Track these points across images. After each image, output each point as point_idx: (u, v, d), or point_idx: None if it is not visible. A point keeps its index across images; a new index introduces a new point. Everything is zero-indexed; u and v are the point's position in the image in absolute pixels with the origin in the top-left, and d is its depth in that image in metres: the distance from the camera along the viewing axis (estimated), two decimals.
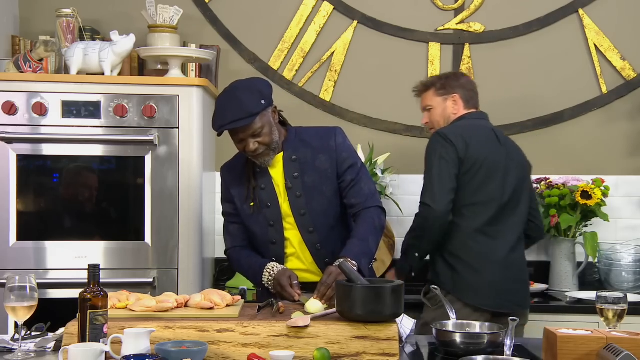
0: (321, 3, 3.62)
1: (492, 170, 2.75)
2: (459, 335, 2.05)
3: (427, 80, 3.04)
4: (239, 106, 2.33)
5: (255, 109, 2.34)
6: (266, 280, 2.42)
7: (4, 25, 3.40)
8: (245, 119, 2.32)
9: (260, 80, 2.51)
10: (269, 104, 2.40)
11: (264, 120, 2.37)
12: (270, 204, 2.47)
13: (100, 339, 1.87)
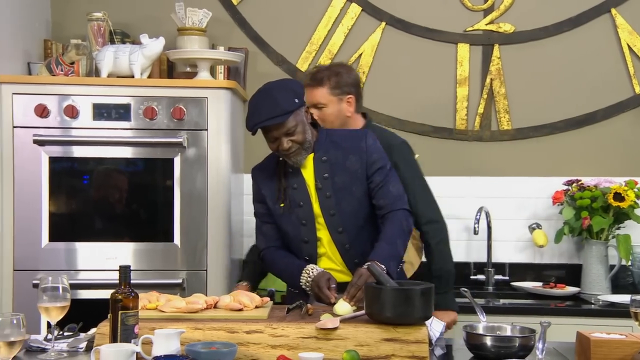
0: (349, 4, 3.61)
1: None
2: (489, 338, 2.03)
3: (318, 74, 2.78)
4: (274, 104, 2.35)
5: (290, 107, 2.36)
6: (304, 282, 2.42)
7: (36, 29, 3.45)
8: (279, 116, 2.34)
9: (293, 80, 2.53)
10: (302, 103, 2.42)
11: (297, 119, 2.39)
12: (302, 203, 2.48)
13: (131, 339, 1.89)
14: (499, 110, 3.59)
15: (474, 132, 3.61)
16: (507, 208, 3.57)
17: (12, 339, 1.73)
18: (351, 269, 2.44)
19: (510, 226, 3.57)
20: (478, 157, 3.60)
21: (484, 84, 3.59)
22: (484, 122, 3.60)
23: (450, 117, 3.62)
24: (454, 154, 3.61)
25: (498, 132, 3.60)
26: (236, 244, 3.38)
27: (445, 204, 3.55)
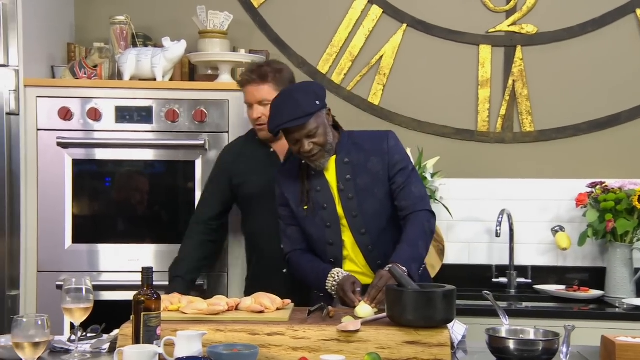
0: (370, 7, 3.61)
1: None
2: (512, 342, 2.01)
3: (260, 70, 2.72)
4: (295, 106, 2.36)
5: (311, 109, 2.36)
6: (330, 286, 2.41)
7: (60, 33, 3.48)
8: (301, 118, 2.35)
9: (315, 82, 2.54)
10: (323, 106, 2.42)
11: (318, 121, 2.39)
12: (326, 205, 2.48)
13: (154, 340, 1.90)
14: (522, 112, 3.56)
15: (495, 134, 3.58)
16: (530, 210, 3.54)
17: (37, 340, 1.75)
18: (374, 271, 2.43)
19: (533, 229, 3.54)
20: (500, 159, 3.58)
21: (506, 86, 3.57)
22: (506, 124, 3.57)
23: (472, 119, 3.60)
24: (475, 156, 3.58)
25: (520, 134, 3.57)
26: None
27: (466, 206, 3.57)
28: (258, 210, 2.81)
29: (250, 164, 2.82)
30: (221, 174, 2.86)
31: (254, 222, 2.85)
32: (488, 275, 3.53)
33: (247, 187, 2.81)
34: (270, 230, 2.70)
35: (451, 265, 3.53)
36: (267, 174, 2.72)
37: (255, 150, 2.83)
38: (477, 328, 2.40)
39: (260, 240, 2.85)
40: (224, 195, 2.86)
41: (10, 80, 3.02)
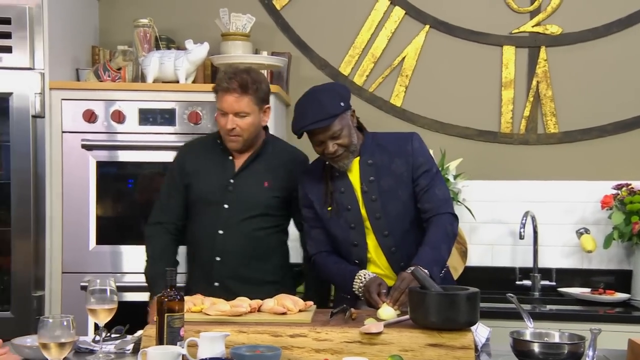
0: (392, 8, 3.60)
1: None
2: (537, 345, 1.99)
3: (240, 80, 2.55)
4: (319, 108, 2.36)
5: (335, 111, 2.36)
6: (357, 287, 2.40)
7: (85, 36, 3.52)
8: (325, 119, 2.34)
9: (339, 84, 2.52)
10: (347, 107, 2.42)
11: (343, 122, 2.39)
12: (350, 207, 2.47)
13: (177, 342, 1.90)
14: (546, 113, 3.53)
15: (519, 135, 3.55)
16: (554, 212, 3.51)
17: (63, 340, 1.77)
18: (396, 273, 2.42)
19: (557, 231, 3.50)
20: (524, 160, 3.55)
21: (530, 87, 3.54)
22: (530, 125, 3.54)
23: (495, 121, 3.57)
24: (498, 157, 3.56)
25: (544, 135, 3.54)
26: None
27: (489, 208, 3.54)
28: (199, 218, 2.67)
29: (203, 167, 2.68)
30: (176, 171, 2.72)
31: (194, 228, 2.69)
32: (511, 277, 3.50)
33: (194, 189, 2.67)
34: (207, 240, 2.62)
35: (474, 267, 3.50)
36: (217, 181, 2.64)
37: (213, 155, 2.69)
38: (500, 331, 2.38)
39: (196, 249, 2.69)
40: (182, 194, 2.70)
41: (36, 83, 3.06)
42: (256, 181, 2.64)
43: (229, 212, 2.62)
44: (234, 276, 2.61)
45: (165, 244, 2.70)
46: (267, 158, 2.68)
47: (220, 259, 2.63)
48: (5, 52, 3.03)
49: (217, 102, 2.60)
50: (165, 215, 2.71)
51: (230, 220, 2.62)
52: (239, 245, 2.62)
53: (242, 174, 2.65)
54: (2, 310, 3.05)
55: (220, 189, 2.63)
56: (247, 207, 2.62)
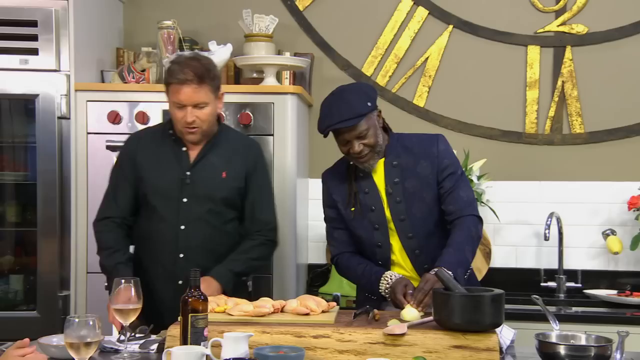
0: (416, 8, 3.58)
1: None
2: (563, 347, 1.97)
3: (192, 67, 2.46)
4: (347, 107, 2.35)
5: (363, 110, 2.35)
6: (384, 289, 2.40)
7: (109, 38, 3.55)
8: (352, 119, 2.33)
9: (366, 84, 2.52)
10: (374, 107, 2.41)
11: (369, 122, 2.38)
12: (374, 207, 2.47)
13: (201, 342, 1.91)
14: (571, 113, 3.49)
15: (544, 135, 3.52)
16: (580, 213, 3.47)
17: (89, 340, 1.78)
18: (420, 275, 2.41)
19: (583, 232, 3.47)
20: (549, 161, 3.52)
21: (555, 87, 3.50)
22: (555, 126, 3.51)
23: (520, 121, 3.54)
24: (523, 158, 3.53)
25: (570, 135, 3.50)
26: (302, 249, 3.39)
27: (514, 209, 3.51)
28: (155, 213, 2.57)
29: (156, 160, 2.58)
30: (126, 164, 2.61)
31: (149, 225, 2.58)
32: (536, 279, 3.47)
33: (147, 183, 2.57)
34: (167, 236, 2.53)
35: (498, 268, 3.48)
36: (171, 174, 2.56)
37: (166, 147, 2.59)
38: (525, 333, 2.37)
39: (154, 246, 2.57)
40: (133, 187, 2.59)
41: (62, 85, 3.09)
42: (214, 172, 2.56)
43: (189, 206, 2.54)
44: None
45: (118, 237, 2.58)
46: (222, 147, 2.60)
47: (183, 256, 2.54)
48: (31, 54, 3.07)
49: (171, 95, 2.48)
50: (114, 209, 2.59)
51: (191, 215, 2.54)
52: (203, 240, 2.54)
53: (199, 165, 2.56)
54: (28, 309, 3.09)
55: (177, 183, 2.54)
56: (207, 200, 2.55)
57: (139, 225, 2.62)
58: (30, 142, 3.15)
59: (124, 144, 2.69)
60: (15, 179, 3.22)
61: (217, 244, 2.57)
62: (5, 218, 3.21)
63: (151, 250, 2.59)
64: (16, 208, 3.21)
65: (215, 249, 2.56)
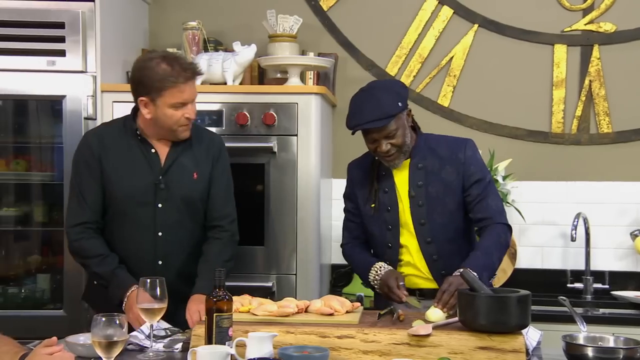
0: (440, 7, 3.56)
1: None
2: (591, 349, 1.94)
3: (189, 65, 2.44)
4: (377, 106, 2.33)
5: (393, 111, 2.34)
6: (372, 279, 2.44)
7: (135, 39, 3.58)
8: (382, 119, 2.33)
9: (398, 81, 2.51)
10: (404, 107, 2.40)
11: (399, 122, 2.37)
12: (390, 208, 2.47)
13: (226, 341, 1.92)
14: (599, 112, 3.45)
15: (571, 135, 3.48)
16: (607, 214, 3.43)
17: (116, 339, 1.79)
18: (437, 280, 2.41)
19: (611, 233, 3.43)
20: (575, 161, 3.48)
21: (582, 86, 3.46)
22: (582, 125, 3.47)
23: (546, 121, 3.51)
24: (549, 158, 3.50)
25: (597, 135, 3.46)
26: (325, 249, 3.38)
27: (540, 209, 3.48)
28: (127, 219, 2.47)
29: (125, 161, 2.47)
30: (92, 163, 2.48)
31: (121, 231, 2.48)
32: (562, 280, 3.44)
33: (117, 187, 2.46)
34: (144, 243, 2.46)
35: (524, 269, 3.45)
36: (144, 179, 2.46)
37: (133, 146, 2.48)
38: (551, 334, 2.35)
39: (129, 253, 2.48)
40: (101, 188, 2.48)
41: (88, 86, 3.12)
42: (186, 175, 2.50)
43: (164, 211, 2.47)
44: (179, 277, 2.45)
45: (101, 243, 2.47)
46: (190, 146, 2.53)
47: (162, 262, 2.48)
48: (59, 56, 3.10)
49: (172, 97, 2.38)
50: (87, 214, 2.46)
51: (167, 221, 2.47)
52: (182, 245, 2.50)
53: (171, 169, 2.49)
54: (55, 308, 3.12)
55: (151, 188, 2.46)
56: (182, 204, 2.49)
57: (111, 230, 2.51)
58: (57, 143, 3.18)
59: (83, 142, 2.54)
60: (42, 179, 3.25)
61: (195, 246, 2.53)
62: (33, 218, 3.24)
63: (127, 256, 2.48)
64: (43, 208, 3.24)
65: (194, 252, 2.52)
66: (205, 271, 2.44)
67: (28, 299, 3.20)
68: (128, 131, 2.51)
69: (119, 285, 2.41)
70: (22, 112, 3.27)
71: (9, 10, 3.09)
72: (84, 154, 2.51)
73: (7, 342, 1.92)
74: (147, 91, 2.40)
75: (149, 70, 2.39)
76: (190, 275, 2.47)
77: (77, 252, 2.51)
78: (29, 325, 3.00)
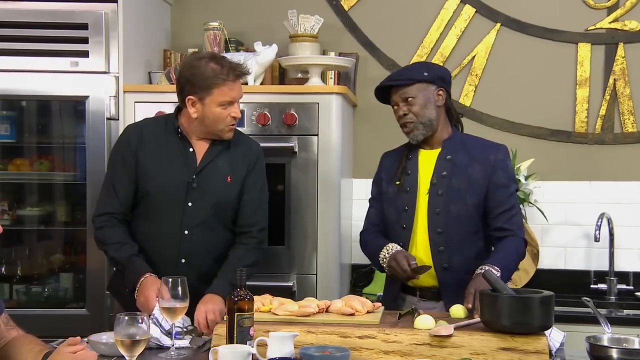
0: (462, 6, 3.54)
1: None
2: (615, 351, 1.92)
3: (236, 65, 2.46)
4: (402, 71, 2.55)
5: (415, 76, 2.46)
6: (382, 258, 2.44)
7: (157, 40, 3.60)
8: (401, 80, 2.47)
9: (439, 65, 2.67)
10: (433, 80, 2.47)
11: (422, 91, 2.46)
12: (409, 189, 2.49)
13: (247, 341, 1.92)
14: (623, 112, 3.41)
15: (594, 135, 3.44)
16: (632, 214, 3.39)
17: (138, 338, 1.80)
18: (437, 272, 2.44)
19: (635, 233, 3.39)
20: (599, 160, 3.44)
21: (606, 85, 3.42)
22: (606, 125, 3.43)
23: (569, 120, 3.47)
24: (572, 157, 3.46)
25: (622, 134, 3.42)
26: (345, 249, 3.38)
27: (563, 209, 3.45)
28: (156, 214, 2.49)
29: (160, 156, 2.50)
30: (129, 155, 2.50)
31: (148, 226, 2.50)
32: (586, 281, 3.40)
33: (151, 182, 2.48)
34: (170, 240, 2.47)
35: (546, 270, 3.42)
36: (179, 176, 2.48)
37: (172, 143, 2.51)
38: (575, 336, 2.33)
39: (154, 249, 2.49)
40: (134, 181, 2.50)
41: (111, 87, 3.14)
42: (220, 177, 2.51)
43: (193, 211, 2.48)
44: (200, 277, 2.44)
45: (123, 231, 2.49)
46: (226, 150, 2.54)
47: (185, 261, 2.48)
48: (82, 57, 3.12)
49: (220, 95, 2.40)
50: (115, 205, 2.49)
51: (195, 220, 2.48)
52: (206, 245, 2.49)
53: (205, 169, 2.50)
54: (78, 307, 3.15)
55: (183, 186, 2.47)
56: (212, 205, 2.49)
57: (137, 224, 2.53)
58: (79, 143, 3.21)
59: (123, 135, 2.59)
60: (65, 179, 3.28)
61: (219, 249, 2.53)
62: (56, 217, 3.27)
63: (151, 252, 2.50)
64: (66, 208, 3.27)
65: (217, 254, 2.51)
66: (223, 272, 2.45)
67: (51, 298, 3.24)
68: (169, 128, 2.54)
69: (133, 272, 2.41)
70: (46, 113, 3.30)
71: (33, 12, 3.12)
72: (121, 146, 2.55)
73: (31, 340, 1.94)
74: (195, 90, 2.43)
75: (198, 69, 2.42)
76: (211, 277, 2.46)
77: (98, 238, 2.53)
78: (52, 324, 3.03)
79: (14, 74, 3.12)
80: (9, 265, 3.31)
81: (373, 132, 3.49)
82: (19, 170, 3.26)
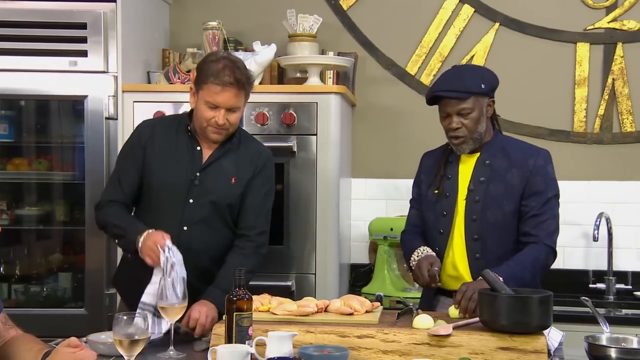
0: (461, 6, 3.54)
1: None
2: (614, 350, 1.92)
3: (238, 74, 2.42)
4: (459, 80, 2.38)
5: (473, 88, 2.37)
6: (411, 261, 2.44)
7: (155, 39, 3.60)
8: (459, 92, 2.36)
9: (489, 70, 2.53)
10: (487, 92, 2.41)
11: (477, 104, 2.38)
12: (449, 194, 2.46)
13: (246, 340, 1.92)
14: (622, 111, 3.41)
15: (593, 134, 3.45)
16: (630, 214, 3.40)
17: (137, 337, 1.80)
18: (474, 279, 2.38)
19: (634, 233, 3.39)
20: (598, 160, 3.44)
21: (605, 85, 3.43)
22: (605, 124, 3.43)
23: (568, 120, 3.48)
24: (571, 157, 3.46)
25: (620, 134, 3.42)
26: (344, 248, 3.38)
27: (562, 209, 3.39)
28: (157, 208, 2.51)
29: (167, 153, 2.52)
30: (139, 148, 2.54)
31: (149, 220, 2.47)
32: (584, 280, 3.41)
33: (156, 176, 2.51)
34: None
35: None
36: (184, 172, 2.49)
37: (181, 142, 2.53)
38: (573, 335, 2.32)
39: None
40: (140, 173, 2.53)
41: (110, 86, 3.14)
42: (223, 177, 2.51)
43: (194, 207, 2.48)
44: (196, 274, 2.42)
45: (124, 210, 2.51)
46: (235, 152, 2.54)
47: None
48: (80, 56, 3.12)
49: (206, 94, 2.42)
50: (119, 194, 2.52)
51: (195, 217, 2.48)
52: (204, 242, 2.48)
53: (210, 168, 2.50)
54: (76, 307, 3.15)
55: (186, 182, 2.48)
56: (212, 203, 2.49)
57: (138, 217, 2.54)
58: (78, 143, 3.21)
59: (136, 129, 2.62)
60: (64, 178, 3.28)
61: (219, 247, 2.52)
62: (54, 217, 3.27)
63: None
64: (64, 207, 3.27)
65: (217, 252, 2.51)
66: (219, 278, 2.44)
67: (50, 298, 3.24)
68: (181, 126, 2.57)
69: (136, 231, 2.39)
70: (44, 112, 3.30)
71: (32, 12, 3.12)
72: (132, 139, 2.60)
73: (30, 339, 1.94)
74: (197, 81, 2.49)
75: (207, 63, 2.48)
76: (207, 276, 2.46)
77: (99, 219, 2.55)
78: (51, 324, 3.03)
79: (12, 74, 3.12)
80: (8, 264, 3.31)
81: (372, 131, 3.49)
82: (18, 169, 3.26)
